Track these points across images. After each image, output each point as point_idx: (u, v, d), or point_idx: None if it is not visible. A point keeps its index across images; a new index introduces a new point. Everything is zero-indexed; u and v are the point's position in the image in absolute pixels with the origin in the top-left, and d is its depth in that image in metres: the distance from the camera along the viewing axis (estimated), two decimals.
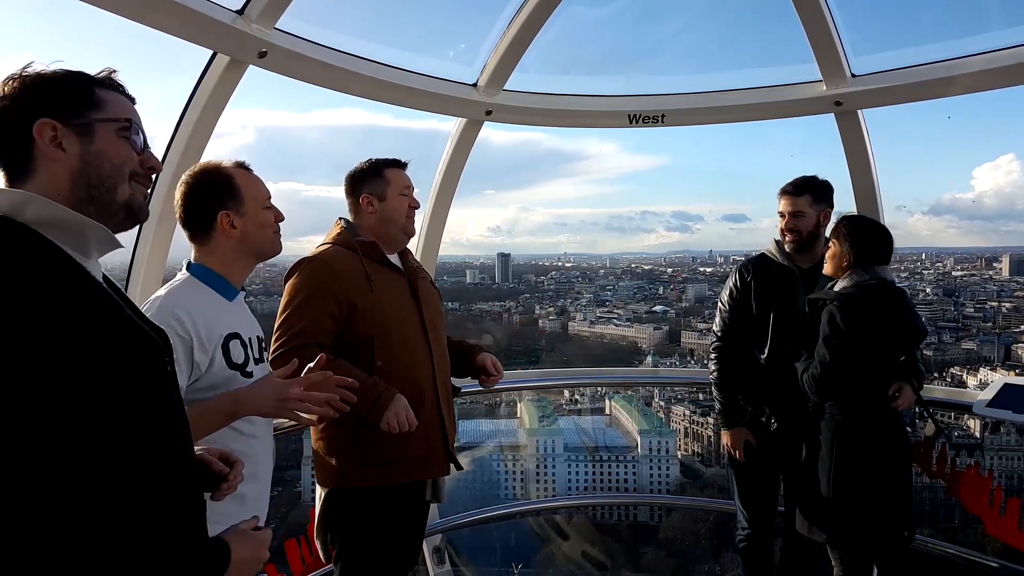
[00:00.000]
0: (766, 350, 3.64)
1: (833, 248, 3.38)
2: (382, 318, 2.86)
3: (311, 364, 2.20)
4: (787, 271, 3.68)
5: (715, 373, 3.83)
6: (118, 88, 1.49)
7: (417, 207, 3.11)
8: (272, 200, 2.40)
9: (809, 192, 3.64)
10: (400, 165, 3.11)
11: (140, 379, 1.30)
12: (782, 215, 3.68)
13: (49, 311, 1.21)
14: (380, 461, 2.84)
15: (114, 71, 1.48)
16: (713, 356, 3.86)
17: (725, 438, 3.86)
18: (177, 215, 2.32)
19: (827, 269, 3.44)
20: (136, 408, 1.28)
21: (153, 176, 1.54)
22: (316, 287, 2.82)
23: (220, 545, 1.46)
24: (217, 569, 1.42)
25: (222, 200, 2.27)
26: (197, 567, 1.39)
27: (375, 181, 3.05)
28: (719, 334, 3.83)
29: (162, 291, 2.22)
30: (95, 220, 1.39)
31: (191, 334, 2.10)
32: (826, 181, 3.74)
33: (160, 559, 1.29)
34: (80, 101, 1.41)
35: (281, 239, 2.41)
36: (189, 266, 2.30)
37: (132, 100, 1.50)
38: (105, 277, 1.48)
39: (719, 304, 3.89)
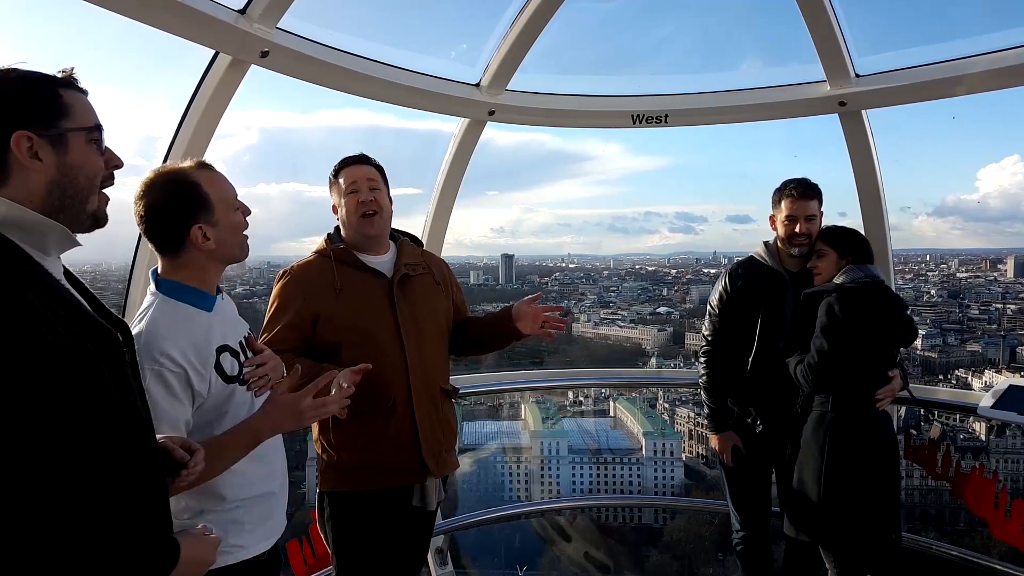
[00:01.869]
0: (752, 353, 3.63)
1: (829, 256, 3.46)
2: (347, 325, 2.85)
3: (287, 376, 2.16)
4: (777, 275, 3.65)
5: (704, 377, 3.83)
6: (76, 86, 1.54)
7: (368, 200, 2.95)
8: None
9: (818, 195, 3.60)
10: (351, 162, 3.02)
11: (95, 371, 1.36)
12: (791, 219, 3.56)
13: (6, 307, 1.27)
14: (349, 467, 2.87)
15: (72, 68, 1.53)
16: (703, 360, 3.86)
17: (713, 442, 3.86)
18: (141, 227, 2.09)
19: (821, 278, 3.48)
20: (91, 399, 1.34)
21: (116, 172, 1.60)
22: (283, 300, 2.90)
23: (170, 543, 1.54)
24: (166, 565, 1.50)
25: (194, 212, 2.07)
26: (147, 560, 1.46)
27: (333, 189, 3.05)
28: (709, 339, 3.83)
29: (142, 323, 2.03)
30: (61, 224, 1.48)
31: (184, 366, 1.99)
32: None
33: (112, 549, 1.36)
34: (52, 110, 1.48)
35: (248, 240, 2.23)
36: (159, 284, 2.12)
37: (85, 93, 1.56)
38: (67, 272, 1.56)
39: (708, 308, 3.87)
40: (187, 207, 2.06)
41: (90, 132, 1.52)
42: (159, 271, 2.14)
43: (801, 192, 3.56)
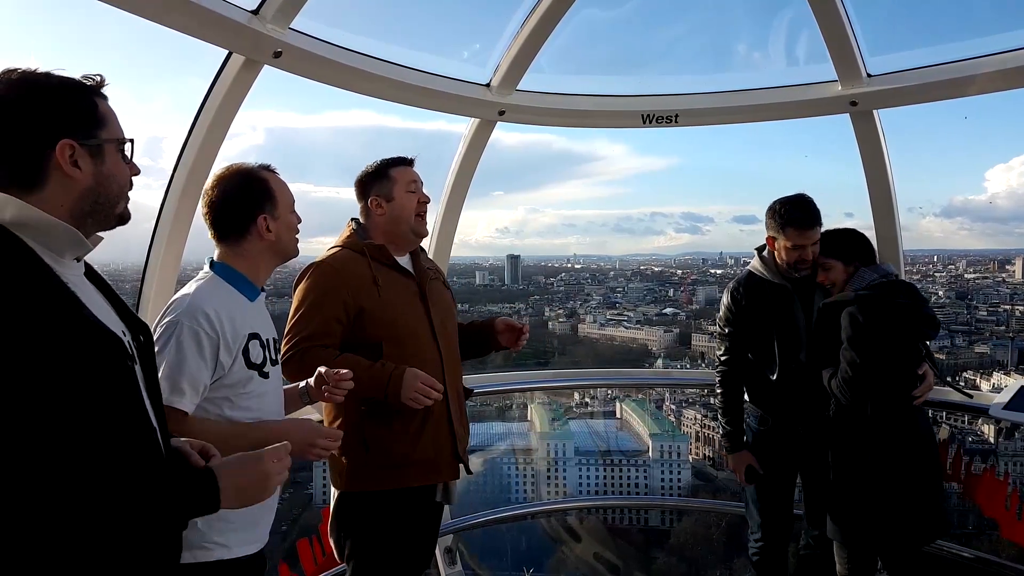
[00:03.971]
0: (776, 368, 3.60)
1: (835, 267, 3.45)
2: (390, 322, 2.87)
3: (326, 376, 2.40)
4: (780, 288, 3.62)
5: (720, 398, 3.80)
6: (104, 95, 1.58)
7: (427, 202, 3.10)
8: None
9: (820, 219, 3.53)
10: (406, 162, 3.11)
11: (90, 374, 1.38)
12: (798, 248, 3.49)
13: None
14: (389, 464, 2.86)
15: (102, 77, 1.57)
16: (718, 380, 3.82)
17: (729, 462, 3.83)
18: (208, 216, 2.33)
19: (835, 288, 3.47)
20: (83, 400, 1.36)
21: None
22: (323, 292, 2.85)
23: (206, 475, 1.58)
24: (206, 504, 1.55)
25: (261, 203, 2.31)
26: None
27: (382, 182, 3.06)
28: (723, 359, 3.80)
29: (189, 288, 2.25)
30: (92, 229, 1.54)
31: (218, 333, 2.14)
32: None
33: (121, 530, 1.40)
34: (91, 120, 1.52)
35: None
36: (213, 265, 2.32)
37: (107, 99, 1.60)
38: (92, 273, 1.61)
39: (717, 329, 3.85)
40: (255, 197, 2.29)
41: (121, 144, 1.58)
42: (215, 259, 2.33)
43: (808, 224, 3.48)
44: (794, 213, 3.49)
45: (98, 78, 1.55)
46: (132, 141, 1.60)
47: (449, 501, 3.12)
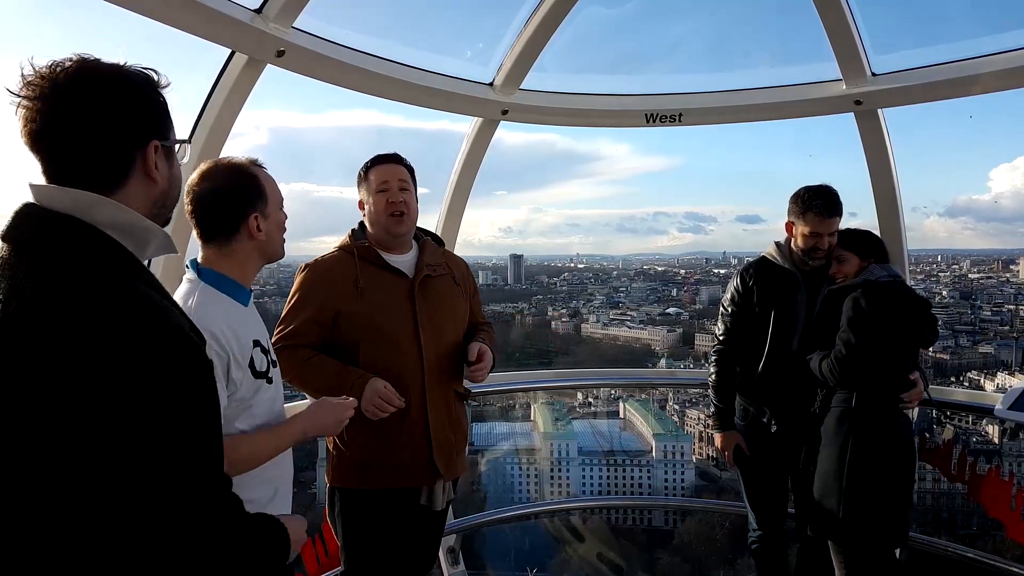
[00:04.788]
0: (765, 352, 3.63)
1: (850, 260, 3.48)
2: (366, 323, 2.87)
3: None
4: (789, 274, 3.65)
5: (714, 376, 3.84)
6: None
7: (396, 201, 2.97)
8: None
9: (841, 209, 3.55)
10: (382, 161, 3.05)
11: (211, 374, 1.37)
12: (815, 235, 3.52)
13: (145, 313, 1.27)
14: (361, 465, 2.89)
15: (160, 73, 1.50)
16: (714, 359, 3.86)
17: (717, 440, 3.87)
18: (194, 214, 2.14)
19: (844, 281, 3.48)
20: (211, 404, 1.36)
21: None
22: (304, 293, 2.91)
23: (282, 526, 1.62)
24: (286, 546, 1.61)
25: (253, 201, 2.13)
26: (278, 545, 1.57)
27: (362, 185, 3.07)
28: (721, 338, 3.83)
29: (184, 303, 2.04)
30: None
31: (227, 351, 2.00)
32: None
33: (254, 544, 1.44)
34: (168, 119, 1.49)
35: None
36: (200, 272, 2.14)
37: None
38: None
39: (721, 308, 3.88)
40: (247, 195, 2.13)
41: (179, 143, 1.55)
42: (200, 261, 2.16)
43: (829, 211, 3.51)
44: (817, 200, 3.54)
45: (154, 75, 1.47)
46: (189, 142, 1.58)
47: (434, 505, 3.04)
